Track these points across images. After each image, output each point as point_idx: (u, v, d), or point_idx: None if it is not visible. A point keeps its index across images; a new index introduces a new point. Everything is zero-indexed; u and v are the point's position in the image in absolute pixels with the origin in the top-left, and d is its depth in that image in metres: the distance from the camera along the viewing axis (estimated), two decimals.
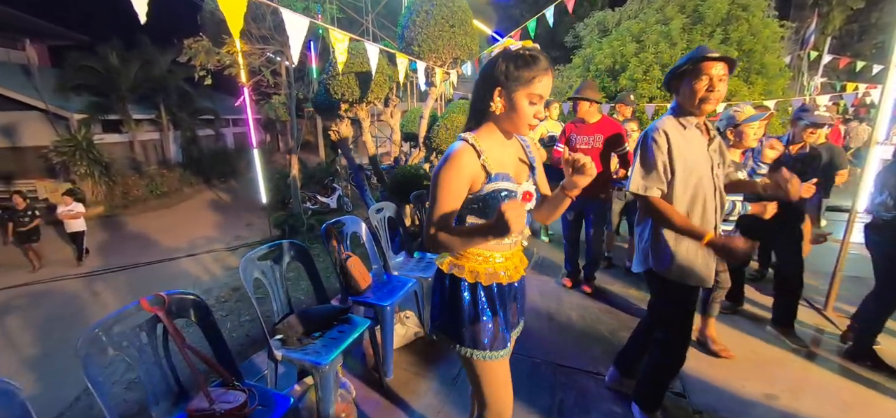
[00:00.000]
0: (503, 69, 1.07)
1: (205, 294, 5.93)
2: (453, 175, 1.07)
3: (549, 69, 1.05)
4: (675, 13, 8.15)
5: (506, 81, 1.07)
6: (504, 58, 1.08)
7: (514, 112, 1.08)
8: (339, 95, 4.03)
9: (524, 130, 1.12)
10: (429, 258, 2.92)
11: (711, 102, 1.52)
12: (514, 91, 1.06)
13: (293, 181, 8.85)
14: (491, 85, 1.10)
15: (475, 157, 1.09)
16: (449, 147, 1.12)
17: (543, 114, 1.08)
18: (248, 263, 1.77)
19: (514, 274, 1.24)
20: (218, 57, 8.43)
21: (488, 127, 1.15)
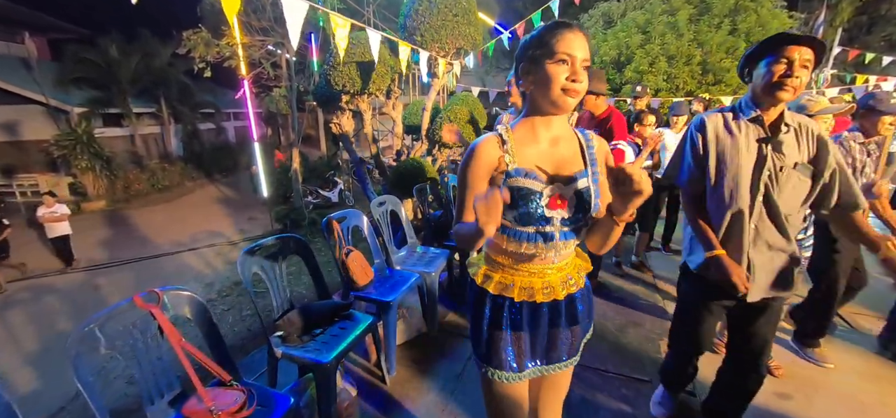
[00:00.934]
0: (524, 47, 1.01)
1: (206, 288, 5.90)
2: (471, 168, 1.03)
3: (576, 27, 0.94)
4: (681, 3, 8.01)
5: (528, 55, 0.99)
6: (523, 41, 1.03)
7: (542, 82, 0.96)
8: (340, 86, 3.96)
9: (561, 99, 0.95)
10: (431, 253, 2.86)
11: (788, 90, 1.32)
12: (538, 59, 0.96)
13: (294, 175, 8.80)
14: (517, 66, 1.03)
15: (498, 149, 1.02)
16: (477, 139, 1.06)
17: (584, 78, 0.94)
18: (246, 258, 1.72)
19: (558, 291, 1.07)
20: (217, 49, 8.35)
21: (526, 117, 1.06)
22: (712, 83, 7.42)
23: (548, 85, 0.95)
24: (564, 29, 0.94)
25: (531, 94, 1.01)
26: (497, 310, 1.10)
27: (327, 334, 1.80)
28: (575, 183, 1.02)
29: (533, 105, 1.03)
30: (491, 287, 1.09)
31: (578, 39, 0.93)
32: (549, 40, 0.93)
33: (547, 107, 0.99)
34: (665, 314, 2.90)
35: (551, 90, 0.95)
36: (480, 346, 1.13)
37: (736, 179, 1.47)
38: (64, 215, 6.99)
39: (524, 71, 1.00)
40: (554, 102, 0.97)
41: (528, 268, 1.06)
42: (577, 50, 0.92)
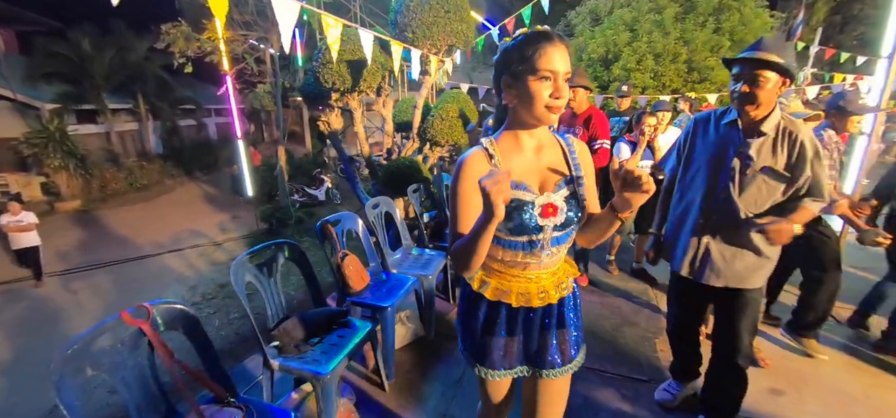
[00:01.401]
0: (504, 57, 0.98)
1: (190, 291, 5.73)
2: (464, 185, 1.00)
3: (557, 40, 0.92)
4: (667, 2, 8.10)
5: (508, 67, 0.97)
6: (503, 46, 1.00)
7: (526, 98, 0.95)
8: (330, 84, 3.86)
9: (544, 115, 0.95)
10: (427, 254, 2.82)
11: (744, 105, 1.48)
12: (519, 74, 0.94)
13: (280, 173, 8.61)
14: (497, 77, 1.01)
15: (486, 163, 1.00)
16: (462, 155, 1.03)
17: (566, 93, 0.94)
18: (239, 267, 1.64)
19: (552, 295, 1.09)
20: (198, 43, 8.09)
21: (511, 130, 1.05)
22: (698, 81, 7.54)
23: (531, 101, 0.95)
24: (545, 43, 0.91)
25: (514, 108, 1.00)
26: (492, 315, 1.10)
27: (325, 343, 1.74)
28: (563, 189, 1.04)
29: (516, 118, 1.02)
30: (488, 293, 1.09)
31: (560, 53, 0.92)
32: (531, 56, 0.92)
33: (530, 120, 0.99)
34: (659, 311, 2.93)
35: (535, 107, 0.95)
36: (472, 347, 1.15)
37: (697, 173, 1.66)
38: (31, 224, 6.09)
39: (506, 84, 0.99)
40: (538, 118, 0.97)
41: (525, 273, 1.08)
42: (559, 64, 0.92)
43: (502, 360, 1.12)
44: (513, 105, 1.00)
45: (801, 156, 1.46)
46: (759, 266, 1.61)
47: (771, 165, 1.50)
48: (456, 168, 1.02)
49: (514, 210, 0.99)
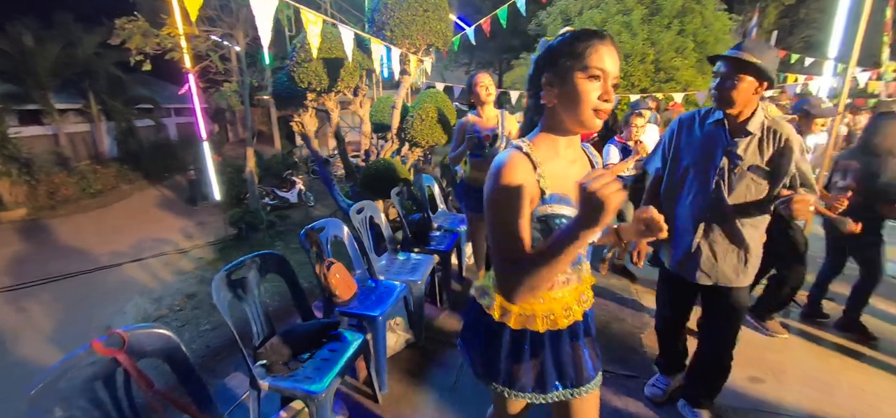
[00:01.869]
0: (547, 53, 0.90)
1: (154, 304, 5.39)
2: (511, 189, 0.86)
3: (609, 40, 0.85)
4: (634, 4, 8.36)
5: (553, 63, 0.88)
6: (548, 44, 0.91)
7: (571, 98, 0.86)
8: (305, 84, 3.71)
9: (590, 119, 0.86)
10: (414, 259, 2.75)
11: (724, 104, 1.51)
12: (566, 70, 0.85)
13: (250, 175, 8.26)
14: (538, 73, 0.92)
15: (531, 170, 0.88)
16: (497, 158, 0.89)
17: (614, 96, 0.86)
18: (220, 283, 1.53)
19: (577, 312, 1.02)
20: (157, 40, 7.60)
21: (547, 130, 0.94)
22: (664, 81, 7.83)
23: (577, 102, 0.85)
24: (597, 40, 0.84)
25: (553, 109, 0.91)
26: (517, 343, 1.01)
27: (317, 358, 1.65)
28: None
29: (554, 121, 0.92)
30: (511, 321, 0.99)
31: (612, 53, 0.85)
32: (582, 51, 0.84)
33: (572, 125, 0.91)
34: (642, 308, 2.99)
35: (581, 109, 0.86)
36: (498, 375, 1.04)
37: (685, 173, 1.67)
38: None
39: (548, 82, 0.90)
40: (582, 122, 0.88)
41: (551, 294, 1.00)
42: (610, 65, 0.84)
43: (534, 383, 1.03)
44: (552, 106, 0.91)
45: (786, 153, 1.51)
46: (746, 265, 1.65)
47: (758, 164, 1.54)
48: (495, 168, 0.88)
49: (552, 220, 0.91)
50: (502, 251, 0.87)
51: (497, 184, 0.86)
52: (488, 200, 0.88)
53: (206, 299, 5.53)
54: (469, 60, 19.87)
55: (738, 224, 1.60)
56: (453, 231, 3.30)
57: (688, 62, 7.78)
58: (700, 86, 7.61)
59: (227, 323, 1.46)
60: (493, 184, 0.87)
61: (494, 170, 0.88)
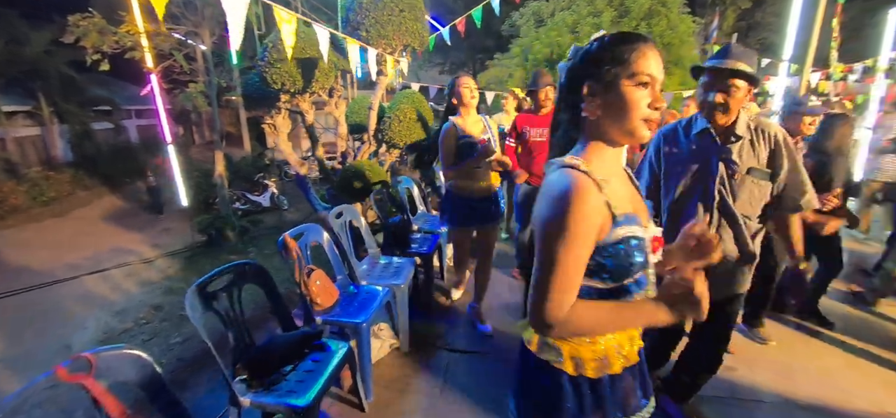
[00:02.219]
0: (586, 60, 0.82)
1: (118, 317, 5.09)
2: (582, 220, 0.74)
3: (652, 43, 0.80)
4: (604, 6, 8.59)
5: (595, 71, 0.80)
6: (586, 49, 0.83)
7: (618, 108, 0.79)
8: (279, 85, 3.59)
9: (639, 129, 0.79)
10: (396, 263, 2.71)
11: (720, 116, 1.48)
12: (611, 78, 0.78)
13: (219, 179, 7.94)
14: (576, 83, 0.83)
15: (598, 192, 0.78)
16: (555, 180, 0.79)
17: (663, 103, 0.80)
18: (194, 297, 1.45)
19: (632, 353, 0.91)
20: (115, 38, 7.18)
21: (594, 146, 0.84)
22: None
23: (626, 112, 0.78)
24: (643, 44, 0.78)
25: (597, 121, 0.82)
26: (578, 390, 0.88)
27: (300, 371, 1.59)
28: (651, 216, 0.92)
29: (599, 133, 0.83)
30: (566, 366, 0.86)
31: (657, 57, 0.79)
32: (629, 56, 0.77)
33: (620, 137, 0.83)
34: None
35: (630, 119, 0.79)
36: None
37: (680, 187, 1.61)
38: None
39: (590, 92, 0.81)
40: (631, 132, 0.80)
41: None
42: (657, 70, 0.79)
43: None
44: (596, 118, 0.82)
45: (777, 149, 1.53)
46: (743, 272, 1.65)
47: (755, 166, 1.54)
48: (560, 200, 0.75)
49: (635, 250, 0.82)
50: (554, 287, 0.76)
51: (565, 213, 0.74)
52: (549, 233, 0.76)
53: (175, 310, 5.28)
54: (443, 61, 19.86)
55: (744, 230, 1.57)
56: (434, 233, 3.28)
57: None
58: (667, 87, 7.90)
59: (200, 335, 1.38)
60: (557, 214, 0.75)
61: (558, 196, 0.76)
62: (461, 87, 2.36)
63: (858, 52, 11.35)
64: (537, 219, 0.80)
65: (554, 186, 0.78)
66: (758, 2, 15.98)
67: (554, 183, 0.79)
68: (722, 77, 1.45)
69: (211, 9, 7.41)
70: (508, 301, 3.04)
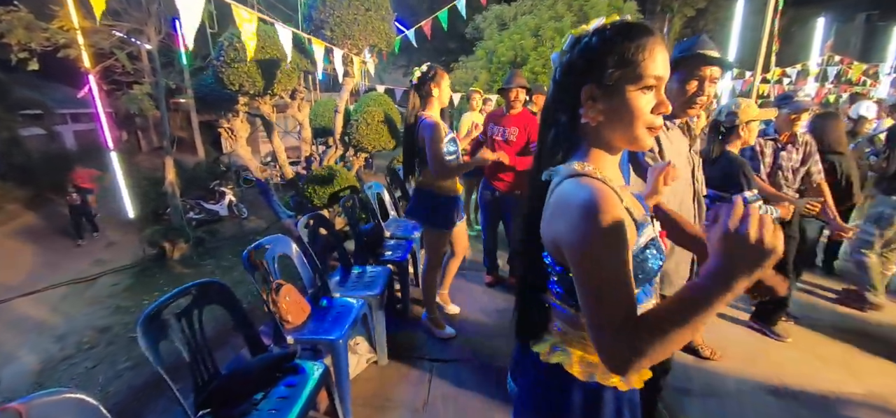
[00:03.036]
0: (586, 57, 0.73)
1: (58, 343, 4.62)
2: (616, 230, 0.66)
3: (659, 35, 0.71)
4: (564, 11, 8.84)
5: (595, 72, 0.72)
6: (585, 43, 0.74)
7: (620, 115, 0.72)
8: (236, 87, 3.37)
9: (643, 138, 0.73)
10: (370, 272, 2.60)
11: (697, 107, 1.42)
12: (616, 83, 0.70)
13: (170, 188, 7.40)
14: (573, 85, 0.75)
15: (621, 203, 0.71)
16: (572, 192, 0.70)
17: (669, 106, 0.74)
18: (147, 325, 1.29)
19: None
20: (46, 34, 6.52)
21: (596, 152, 0.77)
22: None
23: (629, 120, 0.71)
24: (649, 39, 0.69)
25: (598, 127, 0.75)
26: (594, 404, 0.82)
27: (272, 398, 1.46)
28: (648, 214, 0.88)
29: (600, 139, 0.76)
30: (575, 369, 0.81)
31: (664, 52, 0.71)
32: (634, 56, 0.69)
33: (621, 144, 0.77)
34: None
35: (633, 126, 0.72)
36: None
37: (676, 184, 1.59)
38: None
39: (590, 96, 0.73)
40: (633, 141, 0.74)
41: None
42: (664, 68, 0.71)
43: None
44: (597, 124, 0.74)
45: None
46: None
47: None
48: (588, 211, 0.66)
49: (655, 256, 0.77)
50: (615, 312, 0.65)
51: (601, 225, 0.65)
52: (585, 252, 0.67)
53: (123, 332, 4.85)
54: (406, 63, 19.71)
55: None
56: (407, 238, 3.19)
57: None
58: None
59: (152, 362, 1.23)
60: (593, 228, 0.65)
61: (586, 209, 0.66)
62: (442, 79, 2.26)
63: (792, 57, 12.42)
64: (565, 239, 0.69)
65: (574, 199, 0.68)
66: (701, 11, 17.10)
67: (572, 195, 0.69)
68: (700, 66, 1.38)
69: (157, 5, 6.90)
70: (485, 305, 3.01)
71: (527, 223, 0.85)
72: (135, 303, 5.59)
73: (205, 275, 6.53)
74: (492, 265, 3.36)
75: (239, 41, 2.98)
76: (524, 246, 0.87)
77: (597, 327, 0.66)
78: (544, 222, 0.77)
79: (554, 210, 0.74)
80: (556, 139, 0.80)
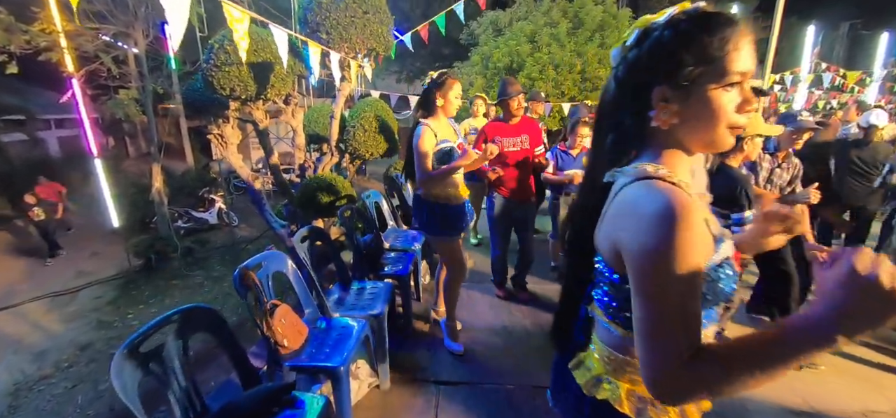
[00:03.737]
0: (657, 53, 0.64)
1: (36, 361, 4.37)
2: (697, 246, 0.58)
3: (745, 25, 0.62)
4: (559, 17, 8.81)
5: (670, 70, 0.62)
6: (656, 38, 0.64)
7: (700, 117, 0.63)
8: (227, 91, 3.21)
9: (724, 140, 0.64)
10: (370, 288, 2.45)
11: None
12: (696, 81, 0.61)
13: (157, 195, 7.15)
14: (640, 84, 0.66)
15: (698, 211, 0.61)
16: (643, 196, 0.62)
17: (755, 106, 0.65)
18: (123, 363, 1.12)
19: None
20: (27, 37, 6.28)
21: (670, 154, 0.68)
22: (591, 90, 8.30)
23: (711, 122, 0.62)
24: (733, 30, 0.60)
25: (671, 130, 0.65)
26: None
27: None
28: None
29: (673, 141, 0.67)
30: (626, 407, 0.73)
31: (751, 44, 0.62)
32: (718, 52, 0.59)
33: (698, 148, 0.68)
34: None
35: (715, 128, 0.63)
36: None
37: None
38: None
39: (663, 97, 0.64)
40: (713, 143, 0.65)
41: None
42: (752, 62, 0.62)
43: None
44: (671, 127, 0.65)
45: None
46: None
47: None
48: (666, 215, 0.58)
49: (729, 276, 0.68)
50: (678, 336, 0.57)
51: (674, 235, 0.56)
52: (655, 264, 0.58)
53: (106, 348, 4.61)
54: (400, 69, 19.62)
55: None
56: (408, 250, 3.05)
57: (610, 72, 8.34)
58: None
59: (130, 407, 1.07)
60: (664, 237, 0.57)
61: (659, 215, 0.58)
62: (450, 88, 2.13)
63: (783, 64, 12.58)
64: (631, 247, 0.61)
65: (646, 203, 0.61)
66: None
67: (643, 199, 0.61)
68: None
69: (145, 8, 6.70)
70: (491, 322, 2.86)
71: (578, 224, 0.79)
72: (118, 318, 5.35)
73: (193, 287, 6.28)
74: (502, 279, 3.20)
75: (230, 43, 2.84)
76: (573, 248, 0.81)
77: (652, 350, 0.59)
78: (604, 224, 0.70)
79: (619, 213, 0.66)
80: (618, 142, 0.72)
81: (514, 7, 10.03)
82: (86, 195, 9.42)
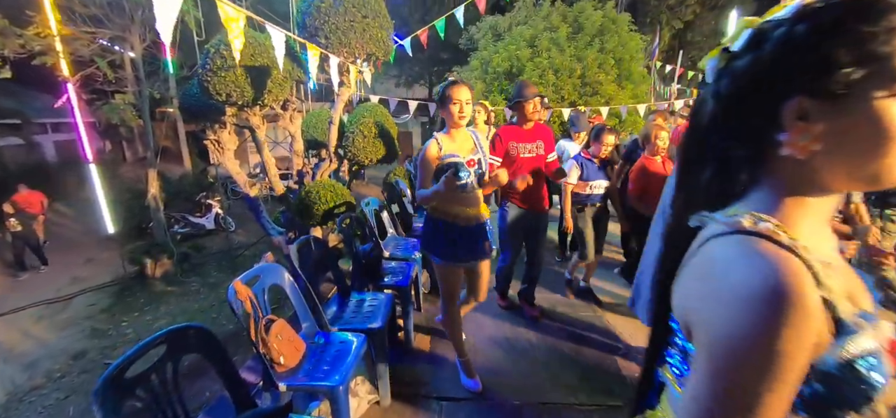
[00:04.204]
0: (796, 48, 0.47)
1: (27, 371, 4.29)
2: (800, 348, 0.43)
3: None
4: (559, 22, 8.79)
5: (819, 73, 0.46)
6: (783, 35, 0.48)
7: (860, 138, 0.46)
8: (223, 97, 3.14)
9: (893, 171, 0.46)
10: (370, 300, 2.37)
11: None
12: (850, 90, 0.45)
13: (154, 201, 7.07)
14: (761, 100, 0.50)
15: (816, 290, 0.45)
16: (735, 260, 0.47)
17: None
18: (107, 392, 1.05)
19: None
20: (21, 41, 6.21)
21: (793, 201, 0.51)
22: (591, 94, 8.27)
23: (878, 144, 0.45)
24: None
25: (810, 160, 0.48)
26: None
27: None
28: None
29: (808, 178, 0.50)
30: None
31: None
32: (885, 46, 0.43)
33: (848, 185, 0.50)
34: (611, 332, 2.78)
35: (883, 155, 0.45)
36: None
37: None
38: None
39: (800, 114, 0.47)
40: (878, 176, 0.47)
41: None
42: None
43: None
44: (808, 157, 0.48)
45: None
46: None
47: None
48: (765, 299, 0.43)
49: (868, 371, 0.46)
50: (744, 409, 0.43)
51: (769, 330, 0.42)
52: (738, 362, 0.43)
53: (99, 358, 4.52)
54: (398, 73, 19.59)
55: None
56: (408, 260, 2.97)
57: (609, 77, 8.31)
58: (621, 99, 8.16)
59: None
60: (754, 329, 0.43)
61: (753, 296, 0.43)
62: (451, 100, 1.86)
63: None
64: (702, 322, 0.48)
65: (738, 272, 0.46)
66: (689, 23, 17.39)
67: (735, 265, 0.46)
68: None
69: (142, 11, 6.64)
70: (494, 334, 2.78)
71: (659, 274, 0.65)
72: (113, 325, 5.26)
73: (189, 294, 6.19)
74: (505, 289, 3.09)
75: (227, 48, 2.77)
76: (657, 305, 0.67)
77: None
78: (680, 282, 0.56)
79: (698, 274, 0.52)
80: (720, 177, 0.56)
81: (514, 12, 10.00)
82: (81, 200, 9.31)
